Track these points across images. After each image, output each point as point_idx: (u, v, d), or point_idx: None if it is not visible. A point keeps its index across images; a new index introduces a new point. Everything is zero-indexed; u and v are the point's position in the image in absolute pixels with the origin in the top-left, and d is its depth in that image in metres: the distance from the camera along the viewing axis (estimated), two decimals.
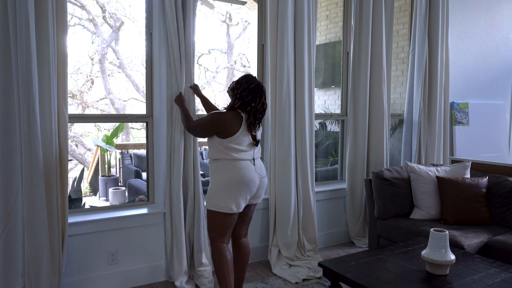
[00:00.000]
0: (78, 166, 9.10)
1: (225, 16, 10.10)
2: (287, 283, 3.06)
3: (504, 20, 4.95)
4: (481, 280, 2.05)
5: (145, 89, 3.08)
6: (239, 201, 2.41)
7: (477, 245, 2.79)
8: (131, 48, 10.06)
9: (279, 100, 3.32)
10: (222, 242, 2.47)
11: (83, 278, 2.80)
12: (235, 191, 2.39)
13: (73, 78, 9.52)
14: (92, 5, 9.17)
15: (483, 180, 3.19)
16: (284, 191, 3.38)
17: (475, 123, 4.70)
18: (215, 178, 2.44)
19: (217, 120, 2.42)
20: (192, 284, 2.98)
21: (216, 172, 2.44)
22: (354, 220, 3.94)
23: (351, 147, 3.87)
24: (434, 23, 4.09)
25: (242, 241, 2.66)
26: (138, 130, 10.43)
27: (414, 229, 3.01)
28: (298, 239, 3.46)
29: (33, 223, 2.40)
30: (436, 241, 2.08)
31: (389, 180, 3.32)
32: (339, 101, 4.34)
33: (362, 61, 3.78)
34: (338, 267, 2.21)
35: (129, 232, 2.95)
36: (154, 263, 3.06)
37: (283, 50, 3.29)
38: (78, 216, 2.85)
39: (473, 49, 4.73)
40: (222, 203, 2.40)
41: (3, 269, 2.41)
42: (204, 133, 2.53)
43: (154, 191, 3.10)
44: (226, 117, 2.41)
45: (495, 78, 4.96)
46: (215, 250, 2.48)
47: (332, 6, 5.83)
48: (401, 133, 4.51)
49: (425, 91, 4.12)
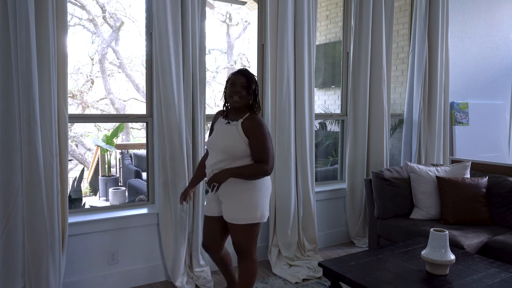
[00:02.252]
0: (78, 166, 9.10)
1: (225, 16, 10.11)
2: (287, 283, 3.07)
3: (504, 20, 4.95)
4: (481, 280, 2.05)
5: (145, 89, 3.08)
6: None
7: (477, 245, 2.79)
8: (131, 48, 10.07)
9: (279, 100, 3.32)
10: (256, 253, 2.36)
11: (83, 278, 2.80)
12: (268, 197, 2.33)
13: (73, 78, 9.52)
14: (92, 5, 9.17)
15: (483, 180, 3.19)
16: (284, 191, 3.38)
17: (475, 123, 4.70)
18: (251, 189, 2.22)
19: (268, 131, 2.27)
20: (192, 284, 2.98)
21: (250, 183, 2.22)
22: (354, 220, 3.94)
23: (351, 147, 3.87)
24: (434, 23, 4.09)
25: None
26: (138, 130, 10.42)
27: (414, 229, 3.01)
28: (298, 239, 3.46)
29: (33, 223, 2.40)
30: (436, 241, 2.08)
31: (389, 180, 3.32)
32: (339, 101, 4.34)
33: (362, 61, 3.78)
34: (338, 267, 2.21)
35: (129, 232, 2.95)
36: (154, 263, 3.06)
37: (283, 50, 3.29)
38: (78, 216, 2.85)
39: (473, 49, 4.73)
40: (266, 212, 2.29)
41: (3, 269, 2.41)
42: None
43: (154, 191, 3.10)
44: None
45: (495, 78, 4.96)
46: (254, 263, 2.31)
47: (332, 6, 5.83)
48: (401, 133, 4.51)
49: (425, 91, 4.12)
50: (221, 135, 2.28)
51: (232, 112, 2.30)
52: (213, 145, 2.29)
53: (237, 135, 2.20)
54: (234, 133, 2.21)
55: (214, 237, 2.42)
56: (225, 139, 2.24)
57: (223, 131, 2.28)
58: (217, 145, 2.26)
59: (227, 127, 2.26)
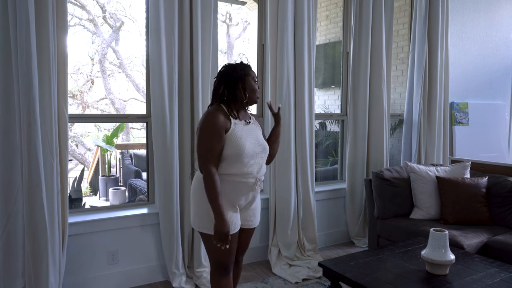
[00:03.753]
0: (78, 166, 9.09)
1: (225, 16, 10.10)
2: (287, 283, 3.07)
3: (504, 20, 4.95)
4: (481, 280, 2.05)
5: (145, 89, 3.08)
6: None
7: (477, 245, 2.79)
8: (131, 48, 10.06)
9: (279, 100, 3.32)
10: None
11: (83, 278, 2.80)
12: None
13: (73, 78, 9.51)
14: (92, 5, 9.16)
15: (483, 180, 3.19)
16: (284, 191, 3.38)
17: (475, 123, 4.70)
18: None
19: None
20: (192, 284, 2.98)
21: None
22: (354, 220, 3.94)
23: (351, 147, 3.87)
24: (434, 23, 4.09)
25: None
26: (138, 130, 10.42)
27: (414, 229, 3.02)
28: (298, 239, 3.46)
29: (33, 223, 2.40)
30: (436, 241, 2.08)
31: (389, 180, 3.32)
32: (339, 101, 4.34)
33: (362, 61, 3.78)
34: (338, 267, 2.21)
35: (129, 232, 2.95)
36: (154, 263, 3.06)
37: (283, 50, 3.29)
38: (78, 216, 2.85)
39: (473, 49, 4.73)
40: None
41: (3, 269, 2.41)
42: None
43: (154, 191, 3.10)
44: None
45: (495, 78, 4.96)
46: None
47: (332, 6, 5.84)
48: (401, 133, 4.51)
49: (425, 91, 4.12)
50: (253, 137, 2.04)
51: (237, 110, 2.04)
52: (260, 149, 2.04)
53: (261, 133, 2.14)
54: (260, 131, 2.14)
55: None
56: (262, 140, 2.09)
57: (251, 133, 2.04)
58: (264, 148, 2.07)
59: (252, 128, 2.07)
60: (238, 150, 1.93)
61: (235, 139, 1.94)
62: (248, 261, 3.42)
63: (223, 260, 2.03)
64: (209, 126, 1.92)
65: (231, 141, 1.93)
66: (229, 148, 1.93)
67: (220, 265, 2.05)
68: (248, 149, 1.96)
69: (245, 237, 2.20)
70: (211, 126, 1.91)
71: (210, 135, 1.91)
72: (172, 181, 2.90)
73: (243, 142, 1.95)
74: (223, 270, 2.05)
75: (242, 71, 2.01)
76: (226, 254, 2.02)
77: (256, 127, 2.12)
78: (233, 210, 2.02)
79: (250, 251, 3.36)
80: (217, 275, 2.07)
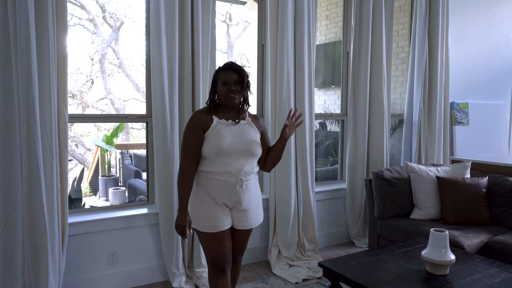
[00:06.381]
0: (78, 166, 9.09)
1: (225, 16, 10.10)
2: (287, 283, 3.06)
3: (504, 20, 4.95)
4: (481, 280, 2.05)
5: (145, 89, 3.08)
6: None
7: (477, 245, 2.79)
8: (131, 48, 10.05)
9: (279, 100, 3.32)
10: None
11: (83, 278, 2.80)
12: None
13: (73, 78, 9.51)
14: (92, 5, 9.16)
15: (483, 180, 3.19)
16: (284, 191, 3.38)
17: (475, 123, 4.70)
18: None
19: None
20: (192, 284, 2.98)
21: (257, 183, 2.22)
22: (354, 220, 3.94)
23: (351, 147, 3.87)
24: (434, 23, 4.09)
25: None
26: (138, 130, 10.42)
27: (414, 229, 3.01)
28: (298, 239, 3.46)
29: (33, 223, 2.40)
30: (436, 241, 2.08)
31: (389, 180, 3.32)
32: (339, 101, 4.34)
33: (362, 61, 3.77)
34: (338, 267, 2.20)
35: (129, 232, 2.95)
36: (154, 263, 3.06)
37: (283, 50, 3.29)
38: (78, 216, 2.85)
39: (473, 49, 4.73)
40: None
41: (3, 269, 2.41)
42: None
43: (154, 191, 3.10)
44: None
45: (495, 78, 4.95)
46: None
47: (332, 6, 5.83)
48: (401, 133, 4.51)
49: (425, 91, 4.12)
50: (240, 136, 2.05)
51: (224, 110, 2.08)
52: (243, 149, 2.03)
53: (256, 134, 2.12)
54: (254, 133, 2.11)
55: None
56: (250, 140, 2.07)
57: (239, 133, 2.05)
58: (248, 148, 2.05)
59: (241, 128, 2.08)
60: (214, 148, 1.99)
61: (212, 137, 2.01)
62: (248, 261, 3.42)
63: (217, 259, 2.09)
64: (186, 125, 2.07)
65: (208, 140, 2.01)
66: (207, 146, 2.01)
67: (215, 264, 2.10)
68: (226, 147, 1.99)
69: (240, 238, 2.20)
70: (187, 125, 2.06)
71: (185, 134, 2.05)
72: (172, 181, 2.90)
73: (220, 141, 1.99)
74: (219, 270, 2.10)
75: (215, 75, 2.09)
76: (219, 252, 2.08)
77: (250, 127, 2.11)
78: (218, 207, 2.06)
79: (250, 251, 3.36)
80: (213, 274, 2.11)
